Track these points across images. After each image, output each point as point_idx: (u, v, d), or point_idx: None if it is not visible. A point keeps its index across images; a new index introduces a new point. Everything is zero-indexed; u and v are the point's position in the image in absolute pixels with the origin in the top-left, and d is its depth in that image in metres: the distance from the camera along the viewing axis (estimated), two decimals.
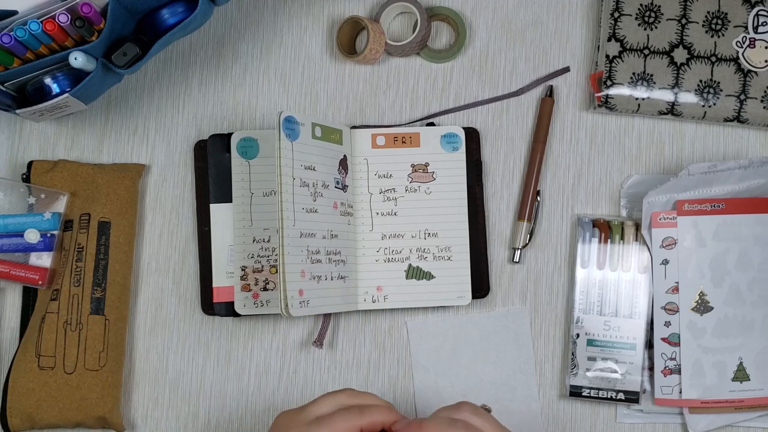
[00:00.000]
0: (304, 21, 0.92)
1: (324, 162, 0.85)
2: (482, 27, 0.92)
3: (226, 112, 0.91)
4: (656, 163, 0.91)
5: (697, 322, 0.87)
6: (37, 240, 0.85)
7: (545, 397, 0.89)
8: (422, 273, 0.88)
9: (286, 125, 0.81)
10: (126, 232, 0.87)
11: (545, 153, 0.91)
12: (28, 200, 0.87)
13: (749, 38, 0.89)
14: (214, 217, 0.88)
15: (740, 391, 0.86)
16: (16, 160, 0.90)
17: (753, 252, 0.87)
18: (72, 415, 0.83)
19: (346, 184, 0.87)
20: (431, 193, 0.88)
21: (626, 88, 0.88)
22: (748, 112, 0.89)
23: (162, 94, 0.92)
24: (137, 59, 0.78)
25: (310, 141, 0.84)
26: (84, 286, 0.85)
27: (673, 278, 0.87)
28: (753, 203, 0.87)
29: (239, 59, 0.92)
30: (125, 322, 0.87)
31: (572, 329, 0.88)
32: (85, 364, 0.84)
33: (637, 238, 0.88)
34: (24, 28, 0.74)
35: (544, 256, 0.90)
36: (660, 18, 0.89)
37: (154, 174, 0.91)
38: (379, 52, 0.89)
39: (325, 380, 0.89)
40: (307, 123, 0.84)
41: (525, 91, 0.92)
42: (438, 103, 0.92)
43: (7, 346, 0.88)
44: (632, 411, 0.88)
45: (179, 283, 0.90)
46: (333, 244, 0.85)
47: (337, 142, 0.87)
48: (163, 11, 0.79)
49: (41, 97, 0.80)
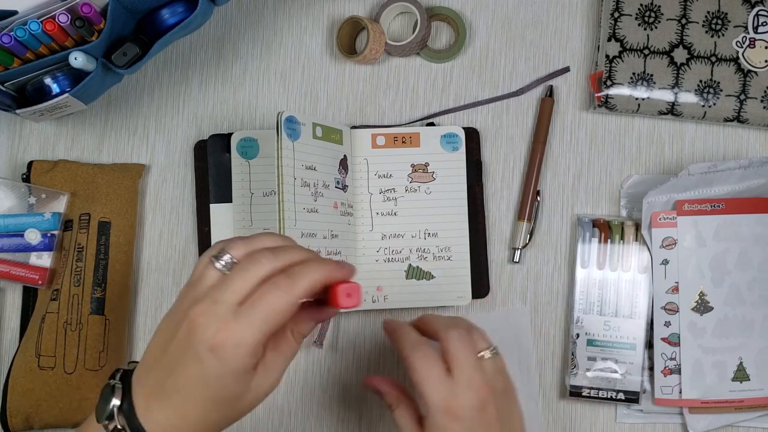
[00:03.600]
0: (304, 21, 0.93)
1: (325, 162, 0.85)
2: (482, 27, 0.92)
3: (226, 112, 0.91)
4: (656, 163, 0.91)
5: (697, 322, 0.87)
6: (37, 240, 0.85)
7: (545, 397, 0.89)
8: (422, 273, 0.88)
9: (288, 125, 0.81)
10: (126, 232, 0.87)
11: (545, 153, 0.91)
12: (29, 200, 0.87)
13: (749, 38, 0.89)
14: (214, 217, 0.88)
15: (740, 391, 0.86)
16: (16, 160, 0.90)
17: (753, 252, 0.87)
18: (72, 415, 0.83)
19: (346, 184, 0.87)
20: (431, 193, 0.89)
21: (626, 88, 0.88)
22: (748, 112, 0.89)
23: (162, 94, 0.92)
24: (137, 59, 0.78)
25: (311, 141, 0.84)
26: (84, 286, 0.85)
27: (673, 278, 0.87)
28: (753, 203, 0.87)
29: (239, 59, 0.92)
30: (125, 322, 0.87)
31: (572, 329, 0.88)
32: (85, 364, 0.84)
33: (637, 238, 0.88)
34: (24, 28, 0.74)
35: (544, 256, 0.90)
36: (660, 18, 0.89)
37: (154, 174, 0.91)
38: (379, 52, 0.89)
39: (325, 380, 0.89)
40: (308, 123, 0.84)
41: (525, 91, 0.92)
42: (438, 103, 0.92)
43: (7, 346, 0.88)
44: (632, 411, 0.88)
45: (179, 283, 0.90)
46: (333, 245, 0.85)
47: (337, 142, 0.87)
48: (163, 11, 0.79)
49: (41, 97, 0.80)
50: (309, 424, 0.89)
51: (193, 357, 0.58)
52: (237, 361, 0.58)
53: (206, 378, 0.58)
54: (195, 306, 0.59)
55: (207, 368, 0.58)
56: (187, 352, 0.58)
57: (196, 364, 0.58)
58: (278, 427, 0.89)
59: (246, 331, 0.57)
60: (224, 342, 0.57)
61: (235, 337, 0.57)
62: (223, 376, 0.58)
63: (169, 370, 0.59)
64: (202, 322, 0.58)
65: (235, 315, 0.58)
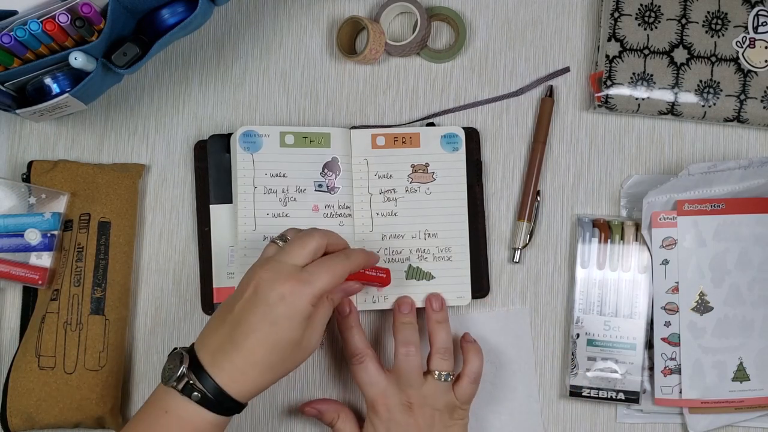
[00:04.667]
0: (304, 21, 0.93)
1: (299, 167, 0.87)
2: (482, 27, 0.92)
3: (226, 112, 0.91)
4: (656, 163, 0.91)
5: (697, 322, 0.87)
6: (37, 240, 0.85)
7: (545, 397, 0.89)
8: (422, 273, 0.88)
9: (245, 139, 0.86)
10: (126, 232, 0.87)
11: (545, 153, 0.91)
12: (29, 200, 0.87)
13: (749, 38, 0.89)
14: (214, 218, 0.88)
15: (740, 391, 0.86)
16: (16, 160, 0.90)
17: (753, 252, 0.87)
18: (72, 415, 0.83)
19: (336, 185, 0.87)
20: (431, 193, 0.88)
21: (626, 88, 0.88)
22: (748, 112, 0.89)
23: (162, 94, 0.92)
24: (137, 59, 0.78)
25: (278, 150, 0.87)
26: (84, 286, 0.85)
27: (673, 278, 0.87)
28: (753, 203, 0.87)
29: (239, 59, 0.92)
30: (125, 322, 0.87)
31: (572, 329, 0.88)
32: (85, 364, 0.84)
33: (637, 238, 0.88)
34: (24, 28, 0.74)
35: (544, 256, 0.90)
36: (660, 18, 0.89)
37: (154, 174, 0.91)
38: (379, 52, 0.89)
39: (325, 380, 0.89)
40: (274, 133, 0.87)
41: (525, 91, 0.92)
42: (438, 103, 0.92)
43: (7, 346, 0.88)
44: (632, 411, 0.88)
45: (179, 283, 0.90)
46: None
47: (319, 145, 0.87)
48: (163, 11, 0.79)
49: (41, 97, 0.80)
50: (309, 424, 0.89)
51: (263, 304, 0.70)
52: (302, 305, 0.70)
53: (275, 319, 0.70)
54: (260, 270, 0.71)
55: (276, 311, 0.70)
56: (256, 304, 0.70)
57: (266, 309, 0.70)
58: (278, 427, 0.89)
59: (315, 283, 0.71)
60: (293, 290, 0.70)
61: (303, 287, 0.70)
62: (290, 317, 0.70)
63: (236, 323, 0.70)
64: (269, 278, 0.70)
65: (303, 271, 0.71)
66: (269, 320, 0.70)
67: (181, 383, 0.70)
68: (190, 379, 0.70)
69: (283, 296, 0.70)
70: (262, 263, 0.73)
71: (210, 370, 0.70)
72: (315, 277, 0.71)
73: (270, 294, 0.70)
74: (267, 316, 0.70)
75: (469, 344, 0.86)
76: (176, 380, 0.70)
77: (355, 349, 0.82)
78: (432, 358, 0.82)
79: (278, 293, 0.70)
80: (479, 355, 0.84)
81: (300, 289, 0.70)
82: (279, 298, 0.70)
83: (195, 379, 0.70)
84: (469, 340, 0.86)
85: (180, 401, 0.70)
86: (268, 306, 0.70)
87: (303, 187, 0.87)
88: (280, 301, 0.70)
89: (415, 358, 0.81)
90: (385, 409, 0.80)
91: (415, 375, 0.81)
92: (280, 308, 0.70)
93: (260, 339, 0.70)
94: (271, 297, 0.70)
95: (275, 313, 0.70)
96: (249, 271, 0.74)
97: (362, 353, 0.82)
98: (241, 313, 0.71)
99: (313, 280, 0.71)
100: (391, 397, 0.81)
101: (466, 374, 0.83)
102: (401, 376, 0.81)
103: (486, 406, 0.88)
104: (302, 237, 0.74)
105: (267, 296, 0.70)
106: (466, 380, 0.83)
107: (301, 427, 0.89)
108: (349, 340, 0.83)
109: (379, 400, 0.81)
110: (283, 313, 0.70)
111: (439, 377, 0.81)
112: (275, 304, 0.70)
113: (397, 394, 0.81)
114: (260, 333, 0.70)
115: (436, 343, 0.83)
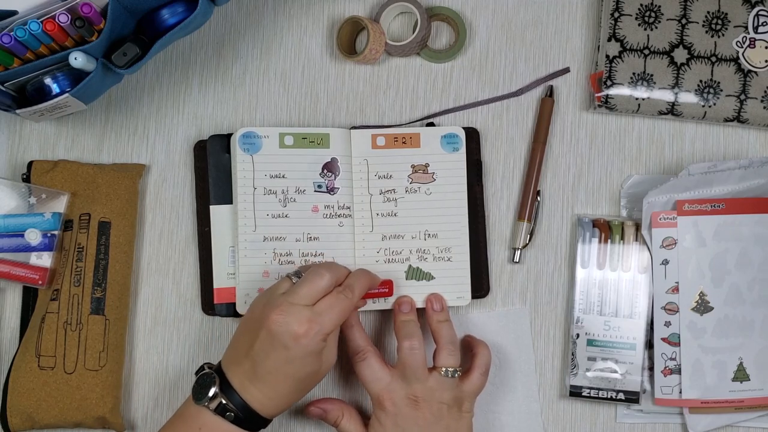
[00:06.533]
0: (304, 21, 0.93)
1: (299, 168, 0.87)
2: (482, 27, 0.92)
3: (226, 112, 0.91)
4: (656, 163, 0.91)
5: (697, 322, 0.87)
6: (37, 240, 0.85)
7: (545, 397, 0.89)
8: (422, 274, 0.88)
9: (245, 140, 0.86)
10: (126, 232, 0.87)
11: (545, 153, 0.91)
12: (29, 200, 0.87)
13: (749, 38, 0.89)
14: (214, 219, 0.88)
15: (740, 391, 0.86)
16: (16, 160, 0.90)
17: (753, 252, 0.87)
18: (72, 415, 0.83)
19: (335, 186, 0.87)
20: (431, 193, 0.88)
21: (626, 88, 0.88)
22: (748, 112, 0.89)
23: (162, 94, 0.92)
24: (137, 59, 0.78)
25: (278, 151, 0.86)
26: (84, 286, 0.85)
27: (673, 278, 0.87)
28: (753, 203, 0.87)
29: (239, 59, 0.92)
30: (125, 322, 0.87)
31: (572, 329, 0.88)
32: (85, 364, 0.84)
33: (637, 238, 0.88)
34: (24, 28, 0.74)
35: (544, 256, 0.90)
36: (660, 18, 0.89)
37: (154, 174, 0.91)
38: (379, 52, 0.89)
39: (324, 380, 0.89)
40: (273, 134, 0.87)
41: (525, 91, 0.92)
42: (438, 103, 0.92)
43: (7, 346, 0.88)
44: (632, 411, 0.88)
45: (179, 283, 0.90)
46: (312, 247, 0.86)
47: (319, 146, 0.87)
48: (163, 11, 0.79)
49: (41, 97, 0.80)
50: (309, 424, 0.89)
51: (281, 347, 0.75)
52: (315, 345, 0.76)
53: (292, 360, 0.76)
54: (273, 312, 0.76)
55: (292, 353, 0.75)
56: (273, 347, 0.75)
57: (284, 351, 0.75)
58: (278, 427, 0.89)
59: (325, 324, 0.76)
60: (307, 332, 0.75)
61: (316, 329, 0.75)
62: (305, 356, 0.76)
63: (257, 361, 0.76)
64: (282, 321, 0.75)
65: (314, 313, 0.76)
66: (286, 360, 0.76)
67: (214, 403, 0.76)
68: (223, 399, 0.76)
69: (297, 338, 0.75)
70: (274, 304, 0.77)
71: (241, 394, 0.76)
72: (325, 317, 0.76)
73: (284, 337, 0.75)
74: (284, 357, 0.75)
75: (476, 339, 0.86)
76: (209, 400, 0.76)
77: (357, 346, 0.83)
78: (439, 353, 0.82)
79: (292, 336, 0.75)
80: (488, 348, 0.85)
81: (312, 330, 0.75)
82: (293, 340, 0.75)
83: (228, 401, 0.76)
84: (474, 337, 0.87)
85: (213, 419, 0.76)
86: (285, 349, 0.75)
87: (303, 188, 0.87)
88: (294, 344, 0.75)
89: (420, 351, 0.81)
90: (391, 404, 0.81)
91: (420, 369, 0.81)
92: (296, 350, 0.75)
93: (282, 377, 0.76)
94: (286, 340, 0.75)
95: (291, 354, 0.75)
96: (262, 305, 0.78)
97: (364, 350, 0.82)
98: (259, 354, 0.76)
99: (323, 321, 0.76)
100: (396, 392, 0.81)
101: (477, 366, 0.84)
102: (406, 370, 0.81)
103: (486, 406, 0.88)
104: (312, 278, 0.78)
105: (282, 339, 0.75)
106: (477, 372, 0.84)
107: (301, 427, 0.89)
108: (351, 338, 0.83)
109: (385, 395, 0.81)
110: (298, 353, 0.75)
111: (445, 373, 0.81)
112: (290, 347, 0.75)
113: (402, 389, 0.81)
114: (281, 373, 0.76)
115: (443, 339, 0.83)
